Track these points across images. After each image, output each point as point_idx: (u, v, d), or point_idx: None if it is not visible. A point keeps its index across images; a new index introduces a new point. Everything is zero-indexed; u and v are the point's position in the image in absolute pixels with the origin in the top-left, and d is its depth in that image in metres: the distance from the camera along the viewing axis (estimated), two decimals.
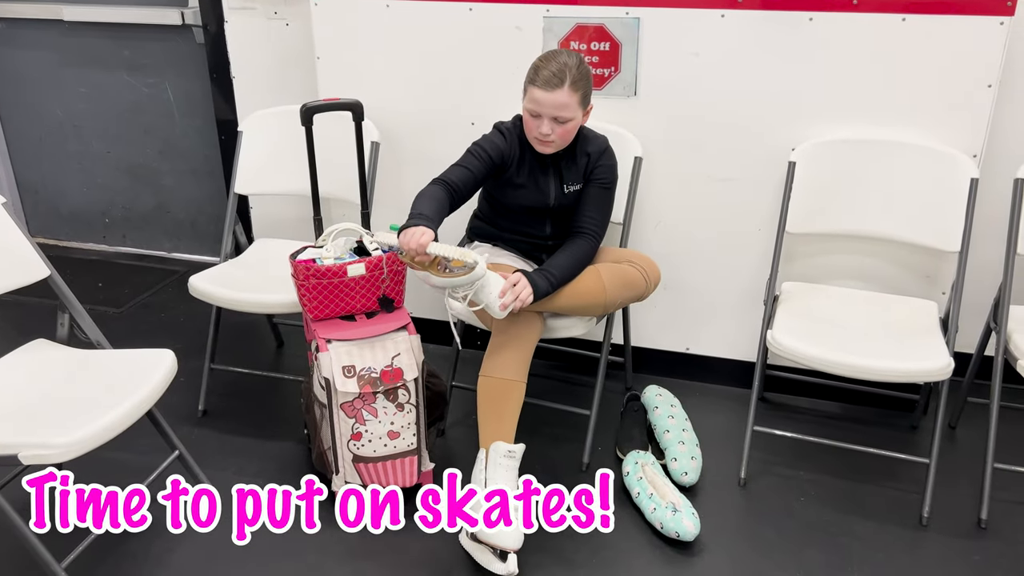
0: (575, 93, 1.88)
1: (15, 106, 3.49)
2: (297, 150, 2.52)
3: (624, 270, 2.01)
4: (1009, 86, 2.18)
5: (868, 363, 1.87)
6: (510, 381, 1.90)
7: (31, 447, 1.57)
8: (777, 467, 2.19)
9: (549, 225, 2.11)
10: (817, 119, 2.20)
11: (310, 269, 1.93)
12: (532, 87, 1.89)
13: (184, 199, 3.45)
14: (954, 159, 2.07)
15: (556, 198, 2.05)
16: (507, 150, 2.00)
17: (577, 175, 2.04)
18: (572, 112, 1.89)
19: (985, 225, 2.29)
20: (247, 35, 2.83)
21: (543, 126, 1.90)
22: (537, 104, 1.88)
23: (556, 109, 1.87)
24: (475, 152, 1.98)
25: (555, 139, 1.93)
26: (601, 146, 2.04)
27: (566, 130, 1.92)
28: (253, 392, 2.56)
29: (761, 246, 2.36)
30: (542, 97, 1.87)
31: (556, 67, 1.86)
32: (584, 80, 1.90)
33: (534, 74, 1.89)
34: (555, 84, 1.86)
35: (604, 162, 2.03)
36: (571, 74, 1.86)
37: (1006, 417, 2.37)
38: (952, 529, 1.97)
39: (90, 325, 2.00)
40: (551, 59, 1.89)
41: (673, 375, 2.60)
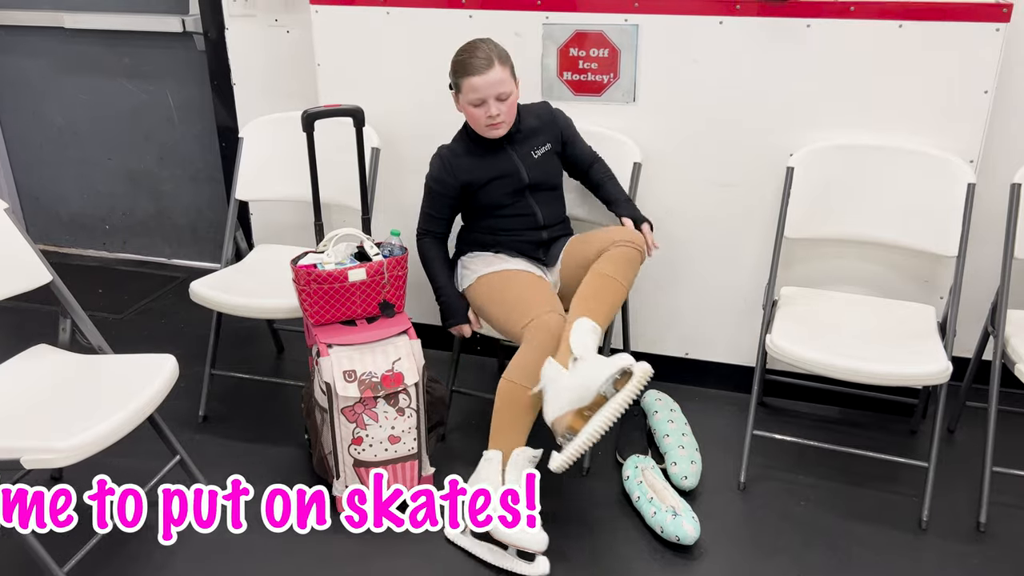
0: (505, 67, 1.97)
1: (16, 113, 3.50)
2: (297, 156, 2.53)
3: (620, 254, 2.01)
4: (1005, 92, 2.19)
5: (866, 367, 1.88)
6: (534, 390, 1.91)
7: (34, 451, 1.58)
8: (776, 471, 2.20)
9: (538, 208, 2.12)
10: (815, 125, 2.21)
11: (311, 274, 1.94)
12: (467, 78, 1.96)
13: (184, 205, 3.46)
14: (951, 164, 2.09)
15: (528, 170, 2.10)
16: (453, 183, 2.09)
17: (541, 138, 2.13)
18: (509, 86, 1.98)
19: (982, 230, 2.31)
20: (248, 42, 2.84)
21: (490, 108, 1.97)
22: (478, 90, 1.95)
23: (496, 87, 1.95)
24: (435, 197, 2.12)
25: (504, 117, 2.00)
26: (547, 109, 2.17)
27: (510, 105, 2.01)
28: (254, 397, 2.57)
29: (760, 251, 2.38)
30: (480, 82, 1.94)
31: (480, 52, 1.95)
32: (506, 57, 1.99)
33: (463, 67, 1.97)
34: (487, 66, 1.94)
35: (561, 116, 2.17)
36: (495, 52, 1.96)
37: (1004, 421, 2.38)
38: (951, 533, 1.97)
39: (92, 330, 2.00)
40: (470, 49, 1.97)
41: (673, 380, 2.61)
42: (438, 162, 2.11)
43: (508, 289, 2.02)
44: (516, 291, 2.00)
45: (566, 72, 2.33)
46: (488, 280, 2.07)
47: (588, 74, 2.32)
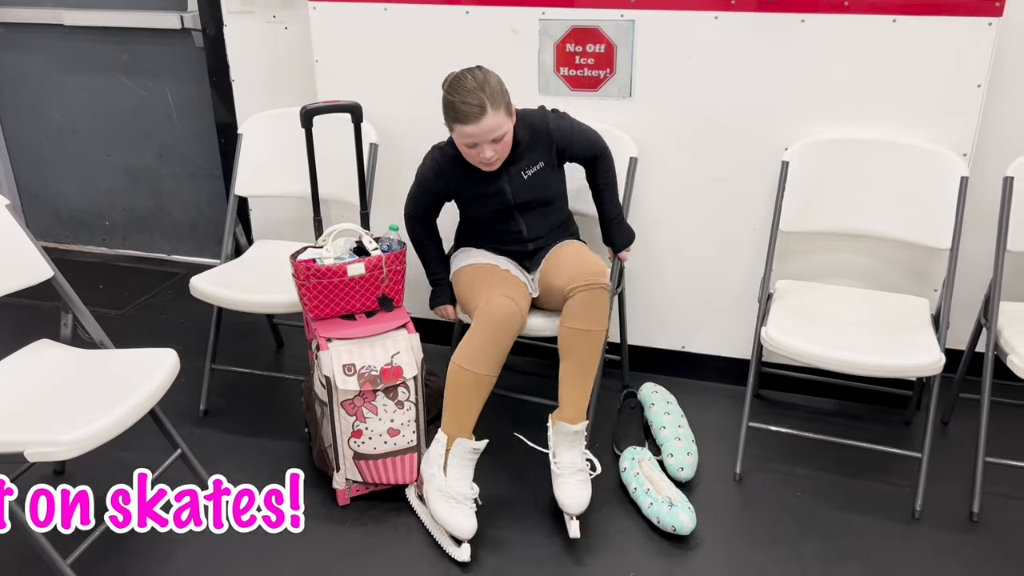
0: (498, 111, 1.88)
1: (15, 110, 3.51)
2: (296, 152, 2.55)
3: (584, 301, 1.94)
4: (998, 86, 2.21)
5: (860, 359, 1.90)
6: (481, 376, 1.91)
7: (37, 445, 1.59)
8: (772, 462, 2.22)
9: (523, 223, 2.10)
10: (810, 119, 2.23)
11: (310, 269, 1.96)
12: (458, 125, 1.89)
13: (184, 202, 3.47)
14: (945, 158, 2.10)
15: (515, 193, 2.05)
16: (442, 186, 2.08)
17: (535, 157, 2.04)
18: (504, 127, 1.91)
19: (975, 222, 2.32)
20: (246, 39, 2.85)
21: (484, 152, 1.92)
22: (470, 137, 1.90)
23: (489, 133, 1.89)
24: (422, 191, 2.12)
25: (497, 156, 1.95)
26: (542, 121, 2.04)
27: (505, 144, 1.94)
28: (254, 392, 2.58)
29: (755, 245, 2.39)
30: (472, 130, 1.88)
31: (471, 97, 1.85)
32: (499, 94, 1.90)
33: (454, 112, 1.89)
34: (478, 115, 1.86)
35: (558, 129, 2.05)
36: (488, 98, 1.86)
37: (997, 412, 2.40)
38: (944, 522, 1.99)
39: (93, 325, 2.02)
40: (461, 90, 1.87)
41: (669, 373, 2.63)
42: (430, 162, 2.09)
43: (475, 278, 2.05)
44: (480, 279, 2.03)
45: (563, 67, 2.35)
46: (464, 271, 2.10)
47: (584, 69, 2.33)
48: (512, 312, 1.92)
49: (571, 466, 1.91)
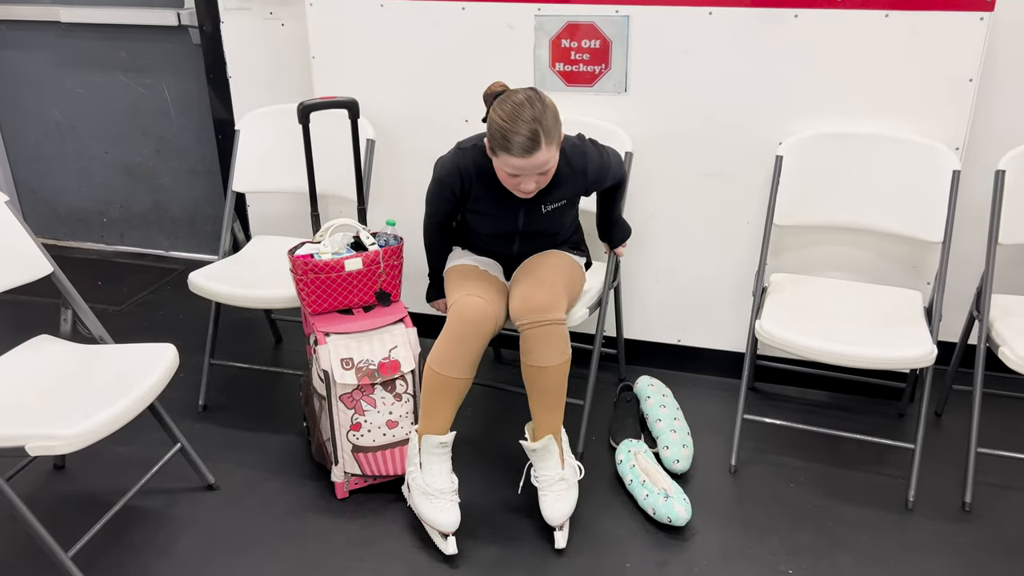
0: (552, 145, 1.75)
1: (13, 107, 3.52)
2: (293, 148, 2.56)
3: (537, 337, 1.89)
4: (990, 80, 2.22)
5: (854, 351, 1.92)
6: (456, 379, 1.89)
7: (38, 439, 1.61)
8: (767, 454, 2.24)
9: (517, 245, 2.08)
10: (803, 114, 2.24)
11: (308, 264, 1.97)
12: (505, 155, 1.74)
13: (181, 198, 3.48)
14: (937, 152, 2.12)
15: (527, 222, 2.00)
16: (459, 189, 1.94)
17: (561, 193, 1.95)
18: (553, 161, 1.79)
19: (967, 216, 2.34)
20: (243, 35, 2.86)
21: (526, 184, 1.80)
22: (516, 168, 1.76)
23: (538, 168, 1.76)
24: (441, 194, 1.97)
25: (538, 187, 1.83)
26: (581, 155, 1.93)
27: (549, 175, 1.82)
28: (253, 386, 2.60)
29: (750, 239, 2.41)
30: (521, 164, 1.74)
31: (527, 130, 1.71)
32: (556, 125, 1.76)
33: (504, 142, 1.73)
34: (532, 149, 1.72)
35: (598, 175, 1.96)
36: (543, 130, 1.72)
37: (989, 403, 2.42)
38: (937, 512, 2.02)
39: (93, 321, 2.03)
40: (517, 119, 1.71)
41: (665, 366, 2.65)
42: (452, 166, 1.93)
43: (454, 279, 2.04)
44: (458, 280, 2.01)
45: (558, 63, 2.36)
46: (450, 271, 2.10)
47: (580, 65, 2.35)
48: (481, 312, 1.89)
49: (548, 478, 1.91)
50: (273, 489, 2.12)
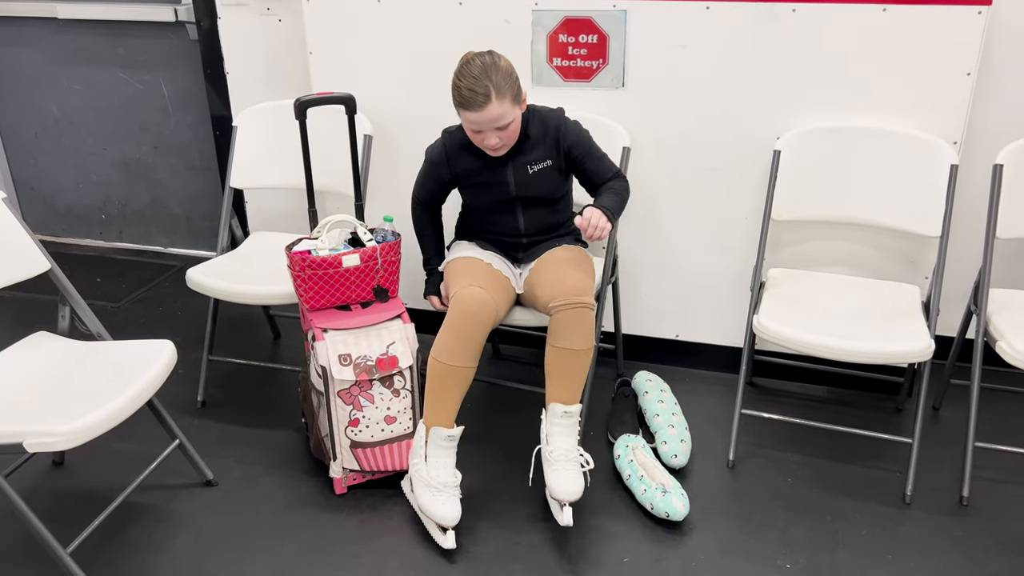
0: (504, 99, 1.86)
1: (10, 103, 3.51)
2: (291, 144, 2.56)
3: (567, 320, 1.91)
4: (987, 74, 2.22)
5: (851, 345, 1.92)
6: (459, 368, 1.90)
7: (36, 435, 1.61)
8: (765, 449, 2.24)
9: (521, 218, 2.09)
10: (801, 108, 2.24)
11: (306, 260, 1.97)
12: (462, 110, 1.89)
13: (179, 194, 3.48)
14: (935, 146, 2.12)
15: (518, 186, 2.04)
16: (448, 171, 2.08)
17: (542, 153, 2.03)
18: (509, 116, 1.89)
19: (965, 210, 2.34)
20: (240, 31, 2.86)
21: (488, 139, 1.92)
22: (474, 123, 1.89)
23: (493, 122, 1.88)
24: (430, 174, 2.12)
25: (502, 143, 1.94)
26: (557, 120, 2.03)
27: (511, 132, 1.93)
28: (251, 382, 2.60)
29: (748, 234, 2.41)
30: (476, 117, 1.87)
31: (479, 86, 1.84)
32: (507, 81, 1.87)
33: (460, 98, 1.88)
34: (482, 102, 1.85)
35: (570, 132, 2.03)
36: (493, 85, 1.85)
37: (987, 398, 2.43)
38: (935, 507, 2.02)
39: (91, 317, 2.04)
40: (468, 76, 1.86)
41: (663, 361, 2.65)
42: (439, 146, 2.09)
43: (456, 270, 2.04)
44: (460, 271, 2.02)
45: (555, 58, 2.36)
46: (451, 264, 2.11)
47: (577, 60, 2.34)
48: (482, 302, 1.90)
49: (565, 454, 1.91)
50: (271, 485, 2.13)
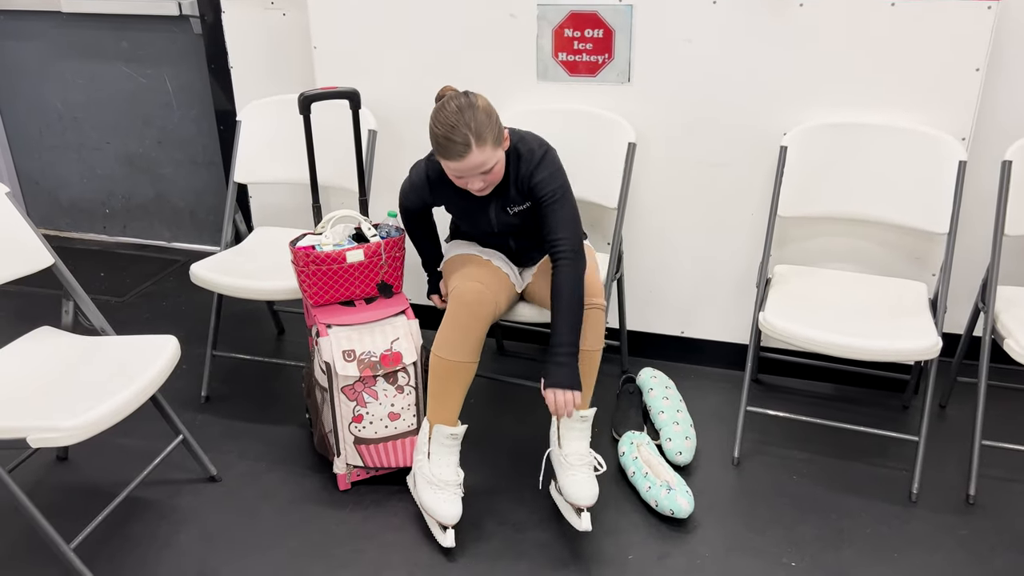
0: (484, 145, 1.76)
1: (14, 98, 3.51)
2: (295, 139, 2.55)
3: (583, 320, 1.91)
4: (996, 70, 2.21)
5: (858, 343, 1.91)
6: (460, 363, 1.89)
7: (39, 431, 1.61)
8: (770, 447, 2.23)
9: (511, 241, 2.07)
10: (808, 104, 2.23)
11: (309, 256, 1.96)
12: (443, 159, 1.80)
13: (183, 189, 3.48)
14: (943, 142, 2.10)
15: (499, 224, 2.00)
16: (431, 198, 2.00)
17: (519, 196, 1.94)
18: (492, 160, 1.79)
19: (973, 207, 2.33)
20: (244, 25, 2.85)
21: (473, 184, 1.83)
22: (455, 171, 1.81)
23: (475, 169, 1.79)
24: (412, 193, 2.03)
25: (487, 186, 1.85)
26: (533, 162, 1.88)
27: (495, 174, 1.83)
28: (255, 378, 2.60)
29: (754, 230, 2.40)
30: (456, 166, 1.78)
31: (456, 134, 1.74)
32: (486, 125, 1.76)
33: (439, 147, 1.78)
34: (462, 152, 1.75)
35: (539, 178, 1.87)
36: (473, 133, 1.74)
37: (994, 395, 2.41)
38: (941, 505, 2.01)
39: (94, 312, 2.03)
40: (443, 123, 1.75)
41: (668, 358, 2.64)
42: (423, 172, 1.98)
43: (454, 267, 2.04)
44: (457, 268, 2.02)
45: (561, 53, 2.35)
46: (448, 261, 2.10)
47: (583, 55, 2.33)
48: (479, 297, 1.89)
49: (580, 458, 1.90)
50: (275, 481, 2.12)
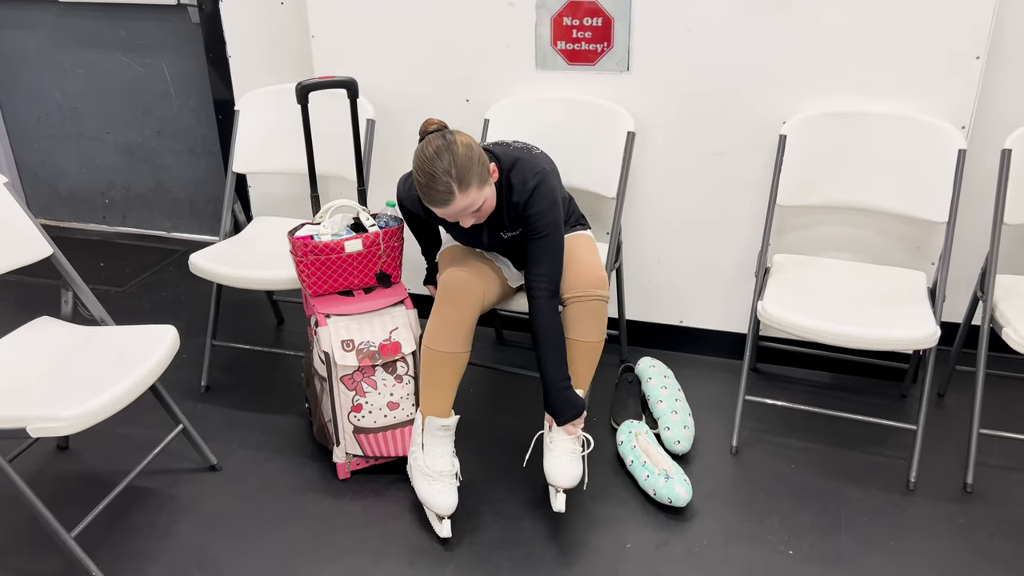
0: (469, 189, 1.72)
1: (13, 88, 3.50)
2: (294, 128, 2.55)
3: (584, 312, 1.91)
4: (997, 58, 2.20)
5: (856, 332, 1.91)
6: (450, 354, 1.89)
7: (39, 420, 1.61)
8: (768, 435, 2.24)
9: (509, 255, 2.07)
10: (807, 92, 2.22)
11: (308, 246, 1.96)
12: (427, 204, 1.77)
13: (182, 179, 3.47)
14: (943, 131, 2.10)
15: (492, 244, 1.98)
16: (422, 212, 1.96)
17: (511, 224, 1.91)
18: (479, 200, 1.76)
19: (973, 195, 2.32)
20: (242, 14, 2.84)
21: (464, 222, 1.80)
22: (443, 215, 1.78)
23: (464, 211, 1.76)
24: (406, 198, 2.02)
25: (481, 217, 1.82)
26: (526, 192, 1.83)
27: (485, 209, 1.80)
28: (254, 367, 2.60)
29: (753, 219, 2.40)
30: (443, 211, 1.76)
31: (437, 184, 1.70)
32: (468, 169, 1.71)
33: (423, 194, 1.75)
34: (447, 200, 1.72)
35: (533, 211, 1.83)
36: (455, 180, 1.70)
37: (992, 384, 2.42)
38: (938, 493, 2.01)
39: (93, 302, 2.03)
40: (424, 171, 1.72)
41: (667, 347, 2.65)
42: (403, 189, 2.00)
43: (446, 258, 2.04)
44: (449, 259, 2.02)
45: (560, 41, 2.34)
46: (443, 252, 2.10)
47: (582, 43, 2.32)
48: (465, 284, 1.88)
49: (564, 441, 1.91)
50: (275, 470, 2.13)
